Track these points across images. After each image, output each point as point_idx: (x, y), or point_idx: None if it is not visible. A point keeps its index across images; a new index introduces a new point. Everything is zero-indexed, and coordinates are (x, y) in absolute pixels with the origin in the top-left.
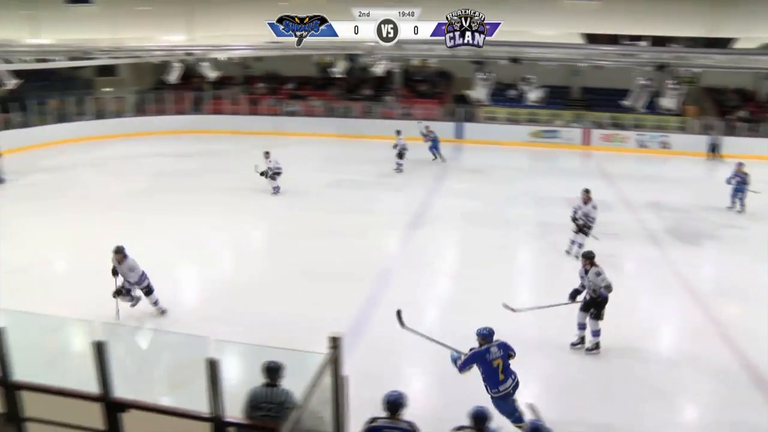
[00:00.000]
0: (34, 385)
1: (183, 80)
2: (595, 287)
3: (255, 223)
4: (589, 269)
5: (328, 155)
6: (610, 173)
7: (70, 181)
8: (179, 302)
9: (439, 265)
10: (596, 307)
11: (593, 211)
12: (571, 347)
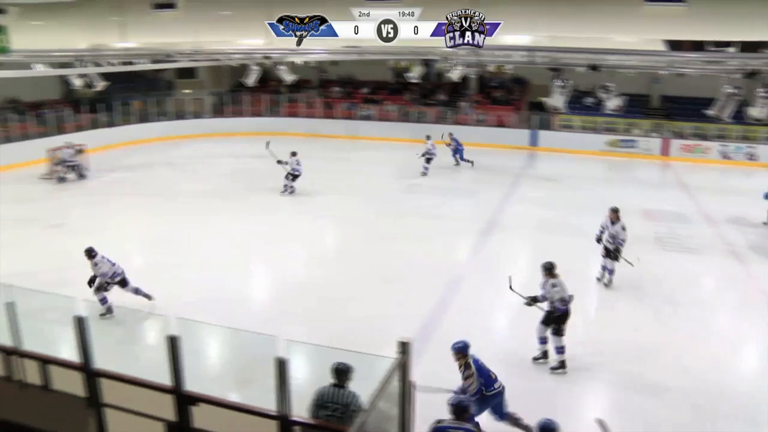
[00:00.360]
0: (112, 373)
1: (260, 83)
2: (551, 299)
3: (327, 224)
4: (546, 280)
5: (401, 160)
6: (690, 185)
7: (148, 179)
8: (250, 300)
9: (510, 272)
10: (555, 321)
11: (622, 232)
12: (533, 361)
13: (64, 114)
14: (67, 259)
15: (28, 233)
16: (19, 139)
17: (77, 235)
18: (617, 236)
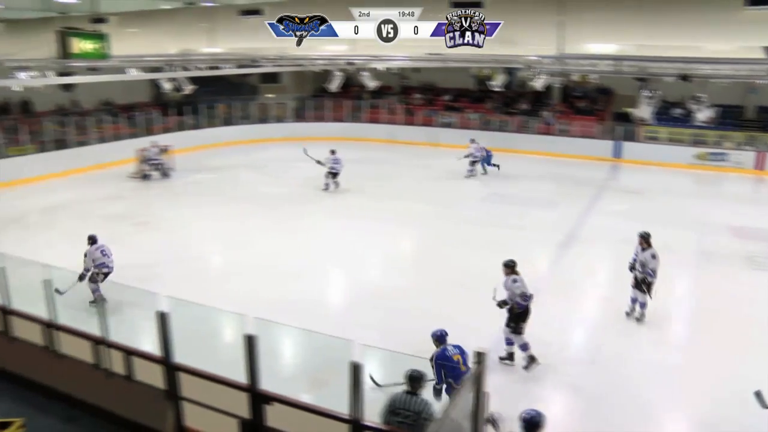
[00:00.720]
0: (191, 368)
1: (342, 89)
2: (512, 296)
3: (406, 231)
4: (508, 277)
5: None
6: None
7: (230, 181)
8: (326, 303)
9: (588, 286)
10: (515, 319)
11: (651, 260)
12: (500, 361)
13: (153, 116)
14: (152, 256)
15: (117, 230)
16: (111, 139)
17: (161, 232)
18: (646, 265)
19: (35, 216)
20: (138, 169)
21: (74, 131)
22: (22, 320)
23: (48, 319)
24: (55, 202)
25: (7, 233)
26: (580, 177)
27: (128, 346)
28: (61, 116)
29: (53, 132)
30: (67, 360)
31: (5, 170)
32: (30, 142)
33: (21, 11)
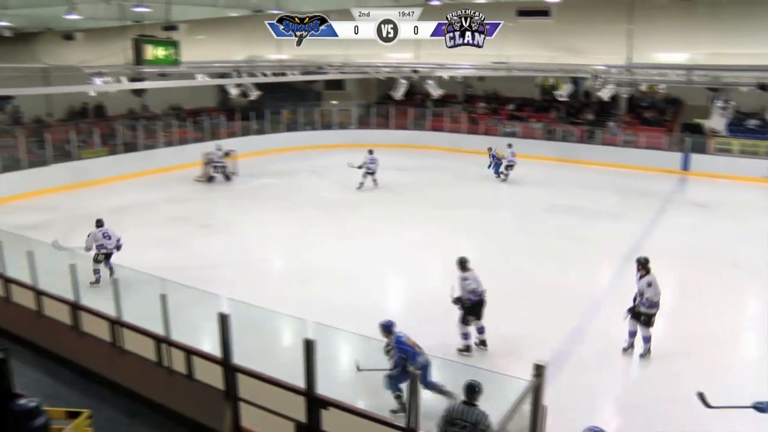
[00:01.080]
0: (250, 370)
1: (406, 96)
2: (463, 293)
3: (466, 239)
4: (459, 274)
5: (545, 179)
6: None
7: (292, 186)
8: (385, 309)
9: None
10: (467, 312)
11: (647, 289)
12: (458, 353)
13: (219, 121)
14: (214, 258)
15: (181, 231)
16: (178, 143)
17: (224, 235)
18: (643, 293)
19: (104, 215)
20: (203, 173)
21: (143, 135)
22: (90, 316)
23: (114, 317)
24: (123, 203)
25: (78, 231)
26: (645, 189)
27: (189, 345)
28: (131, 120)
29: (124, 135)
30: (130, 356)
31: (79, 171)
32: (102, 145)
33: (98, 20)
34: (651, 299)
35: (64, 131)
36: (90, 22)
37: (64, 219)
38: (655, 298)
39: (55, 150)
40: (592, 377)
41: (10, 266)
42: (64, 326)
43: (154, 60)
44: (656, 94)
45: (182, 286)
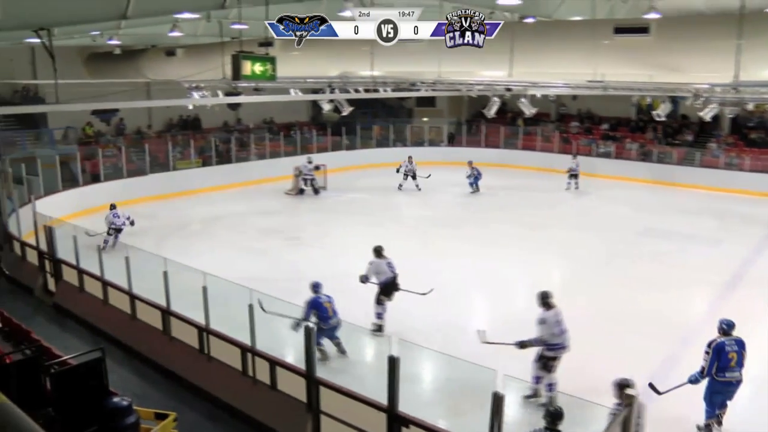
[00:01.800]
0: (332, 384)
1: (497, 114)
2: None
3: (555, 260)
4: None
5: (640, 202)
6: None
7: (381, 202)
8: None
9: (757, 335)
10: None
11: (539, 327)
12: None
13: (311, 135)
14: (301, 271)
15: (270, 243)
16: (270, 156)
17: (312, 248)
18: (544, 338)
19: (196, 225)
20: (294, 186)
21: (236, 147)
22: (180, 322)
23: (203, 324)
24: (216, 213)
25: (170, 240)
26: (749, 214)
27: (274, 356)
28: (225, 133)
29: (218, 147)
30: (216, 363)
31: (174, 182)
32: (197, 157)
33: (198, 37)
34: (546, 339)
35: (162, 142)
36: (190, 39)
37: (160, 227)
38: (552, 339)
39: (153, 160)
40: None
41: (108, 270)
42: (156, 330)
43: (251, 75)
44: (765, 113)
45: (270, 298)
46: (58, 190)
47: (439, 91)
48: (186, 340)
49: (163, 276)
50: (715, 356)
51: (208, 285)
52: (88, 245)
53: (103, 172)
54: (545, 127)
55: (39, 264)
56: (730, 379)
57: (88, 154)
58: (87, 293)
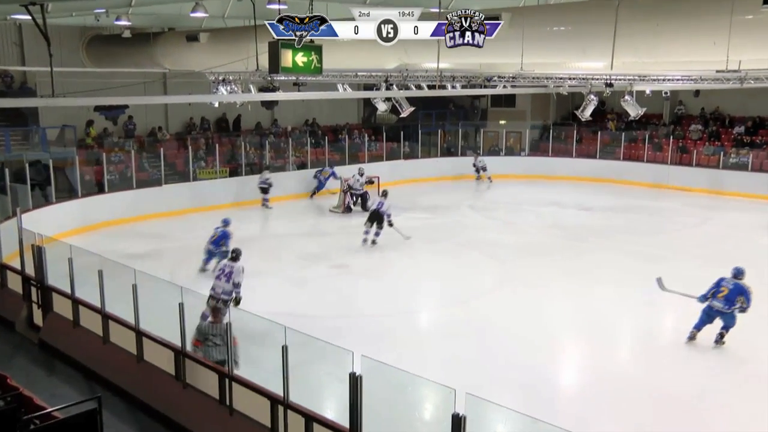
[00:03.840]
0: None
1: (593, 116)
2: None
3: (675, 304)
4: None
5: None
6: None
7: (449, 224)
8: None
9: None
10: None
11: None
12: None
13: (362, 141)
14: (349, 306)
15: (313, 271)
16: (312, 165)
17: (363, 278)
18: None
19: None
20: (340, 202)
21: (272, 154)
22: (198, 367)
23: (226, 370)
24: (246, 235)
25: (188, 265)
26: None
27: (311, 410)
28: (259, 136)
29: (249, 154)
30: (241, 418)
31: (194, 195)
32: (223, 165)
33: (227, 19)
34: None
35: (180, 147)
36: (217, 21)
37: (176, 249)
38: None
39: (169, 168)
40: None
41: (110, 300)
42: (167, 376)
43: (293, 67)
44: None
45: (309, 338)
46: (50, 203)
47: (520, 88)
48: (204, 388)
49: (178, 308)
50: (713, 286)
51: (235, 321)
52: (87, 267)
53: (108, 182)
54: (656, 132)
55: (23, 292)
56: (713, 306)
57: (89, 159)
58: (82, 328)
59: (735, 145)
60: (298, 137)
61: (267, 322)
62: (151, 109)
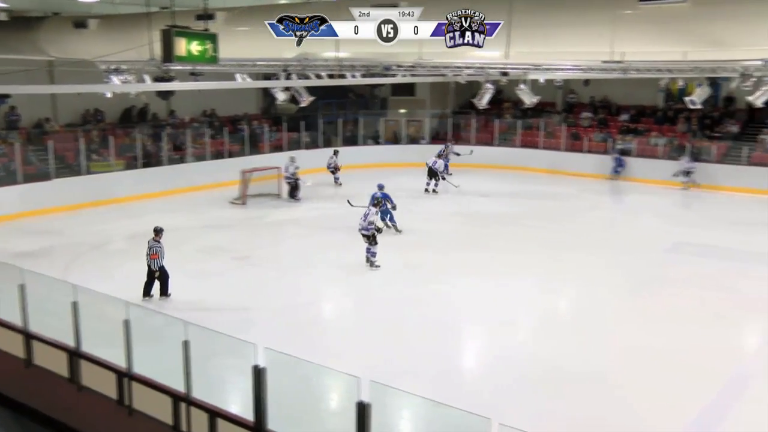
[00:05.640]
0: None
1: (491, 104)
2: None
3: (577, 289)
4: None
5: (668, 210)
6: None
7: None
8: (460, 371)
9: None
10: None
11: None
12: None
13: (262, 131)
14: (252, 299)
15: (214, 265)
16: (211, 157)
17: (266, 271)
18: None
19: (118, 243)
20: (241, 194)
21: (169, 146)
22: (94, 367)
23: (125, 369)
24: (143, 229)
25: (83, 262)
26: None
27: (214, 406)
28: (155, 128)
29: (145, 146)
30: (141, 418)
31: (88, 189)
32: (118, 157)
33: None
34: None
35: (70, 139)
36: (107, 7)
37: (69, 246)
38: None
39: (59, 161)
40: None
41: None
42: (60, 379)
43: (187, 57)
44: None
45: (211, 332)
46: None
47: (419, 77)
48: (101, 389)
49: (71, 308)
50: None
51: (133, 318)
52: None
53: None
54: (550, 120)
55: None
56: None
57: None
58: None
59: (621, 132)
60: (196, 128)
61: (166, 317)
62: (38, 100)
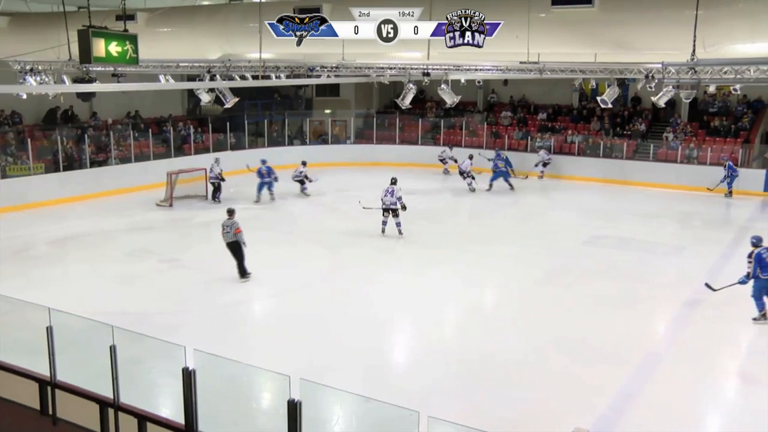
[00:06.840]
0: None
1: (414, 104)
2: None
3: (487, 282)
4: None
5: (586, 204)
6: None
7: (279, 213)
8: (388, 366)
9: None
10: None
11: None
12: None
13: (188, 133)
14: (180, 301)
15: (139, 268)
16: (136, 159)
17: (191, 272)
18: None
19: (41, 248)
20: (167, 195)
21: (92, 148)
22: (12, 377)
23: (47, 377)
24: (67, 233)
25: (5, 268)
26: (714, 216)
27: (143, 410)
28: (76, 130)
29: (66, 148)
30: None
31: (4, 193)
32: (37, 160)
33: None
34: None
35: None
36: (17, 5)
37: None
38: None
39: None
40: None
41: None
42: None
43: (106, 57)
44: (729, 96)
45: (138, 336)
46: None
47: (343, 77)
48: (21, 399)
49: None
50: (756, 263)
51: (56, 324)
52: None
53: None
54: (471, 119)
55: None
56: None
57: None
58: None
59: (540, 130)
60: (120, 130)
61: (92, 322)
62: None
